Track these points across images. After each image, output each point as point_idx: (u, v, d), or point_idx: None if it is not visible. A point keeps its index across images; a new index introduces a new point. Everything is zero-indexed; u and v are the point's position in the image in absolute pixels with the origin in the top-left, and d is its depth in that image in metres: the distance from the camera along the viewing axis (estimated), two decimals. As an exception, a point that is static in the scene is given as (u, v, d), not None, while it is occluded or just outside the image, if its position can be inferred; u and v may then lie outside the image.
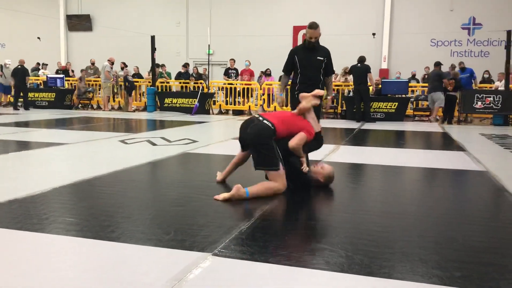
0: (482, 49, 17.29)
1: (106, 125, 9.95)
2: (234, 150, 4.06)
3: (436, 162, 5.49)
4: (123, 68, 15.31)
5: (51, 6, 21.24)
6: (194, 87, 14.92)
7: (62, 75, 15.65)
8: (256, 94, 14.46)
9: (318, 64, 4.81)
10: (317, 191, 3.79)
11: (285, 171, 3.59)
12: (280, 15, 18.78)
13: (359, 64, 11.70)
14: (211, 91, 14.62)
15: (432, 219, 3.04)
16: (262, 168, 3.59)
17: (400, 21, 17.75)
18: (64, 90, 15.22)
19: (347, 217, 3.08)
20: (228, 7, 19.41)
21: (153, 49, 13.97)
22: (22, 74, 14.25)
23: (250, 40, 18.96)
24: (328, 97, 5.28)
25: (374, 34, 17.94)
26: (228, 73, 15.06)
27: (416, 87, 14.02)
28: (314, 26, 4.73)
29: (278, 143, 3.61)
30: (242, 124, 3.84)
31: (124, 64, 15.48)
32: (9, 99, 15.57)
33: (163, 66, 15.85)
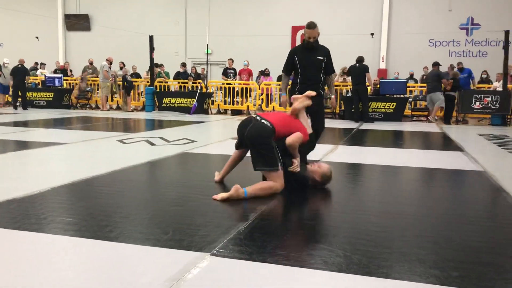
0: (480, 49, 17.33)
1: (104, 124, 9.94)
2: (233, 150, 4.07)
3: (434, 162, 5.50)
4: (122, 68, 15.29)
5: (50, 6, 21.21)
6: (193, 87, 14.92)
7: (60, 75, 15.62)
8: (254, 94, 14.46)
9: (318, 64, 4.80)
10: (315, 191, 3.79)
11: (283, 171, 3.60)
12: (278, 15, 18.78)
13: (357, 64, 11.71)
14: (210, 91, 14.61)
15: (430, 219, 3.05)
16: (262, 169, 3.58)
17: (399, 21, 17.78)
18: (62, 90, 15.20)
19: (346, 217, 3.08)
20: (226, 7, 19.41)
21: (151, 48, 13.96)
22: (23, 74, 14.23)
23: (248, 40, 18.96)
24: (332, 96, 5.27)
25: (372, 34, 17.96)
26: (227, 73, 15.07)
27: (415, 87, 14.04)
28: (312, 26, 4.72)
29: (276, 143, 3.61)
30: (240, 123, 3.84)
31: (123, 64, 15.48)
32: (7, 99, 15.53)
33: (161, 66, 15.85)
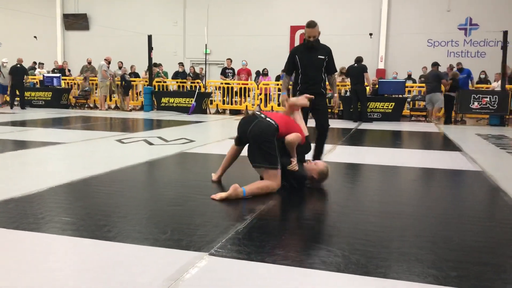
0: (479, 49, 17.36)
1: (102, 124, 9.92)
2: (231, 149, 4.06)
3: (432, 162, 5.50)
4: (120, 67, 15.28)
5: (48, 5, 21.18)
6: (191, 87, 14.91)
7: (58, 75, 15.60)
8: (253, 93, 14.46)
9: (319, 63, 4.78)
10: (313, 191, 3.79)
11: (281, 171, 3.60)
12: (277, 15, 18.79)
13: (356, 64, 11.73)
14: (208, 91, 14.61)
15: (429, 219, 3.05)
16: (262, 166, 3.58)
17: (397, 21, 17.80)
18: (60, 90, 15.18)
19: (344, 217, 3.08)
20: (225, 7, 19.40)
21: (150, 48, 13.95)
22: (21, 73, 14.20)
23: (247, 39, 18.96)
24: (335, 94, 5.27)
25: (371, 34, 17.98)
26: (225, 72, 15.06)
27: (413, 87, 14.05)
28: (312, 25, 4.69)
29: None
30: (242, 120, 3.84)
31: (121, 63, 15.47)
32: (5, 99, 15.49)
33: (160, 66, 15.83)
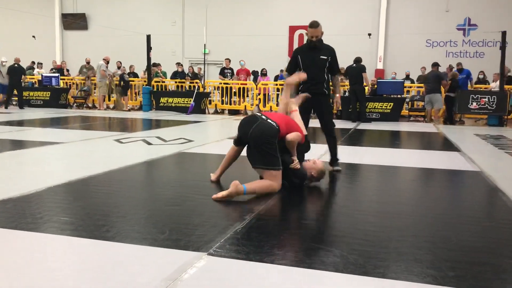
0: (477, 49, 17.38)
1: (101, 124, 9.91)
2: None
3: (431, 162, 5.51)
4: (119, 67, 15.26)
5: (47, 5, 21.14)
6: (190, 87, 14.90)
7: (57, 74, 15.56)
8: (252, 94, 14.46)
9: (321, 64, 4.76)
10: (312, 191, 3.80)
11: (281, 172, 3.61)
12: (276, 15, 18.78)
13: (355, 64, 11.73)
14: (207, 91, 14.60)
15: (427, 219, 3.05)
16: (263, 167, 3.58)
17: (396, 21, 17.81)
18: (59, 89, 15.14)
19: (343, 217, 3.08)
20: (224, 7, 19.39)
21: (148, 48, 13.94)
22: (19, 73, 14.17)
23: (246, 39, 18.95)
24: (337, 95, 5.27)
25: (370, 35, 17.99)
26: (224, 72, 15.05)
27: (412, 88, 14.07)
28: (314, 25, 4.67)
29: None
30: (243, 121, 3.83)
31: (120, 63, 15.45)
32: (4, 98, 15.45)
33: (158, 66, 15.82)
